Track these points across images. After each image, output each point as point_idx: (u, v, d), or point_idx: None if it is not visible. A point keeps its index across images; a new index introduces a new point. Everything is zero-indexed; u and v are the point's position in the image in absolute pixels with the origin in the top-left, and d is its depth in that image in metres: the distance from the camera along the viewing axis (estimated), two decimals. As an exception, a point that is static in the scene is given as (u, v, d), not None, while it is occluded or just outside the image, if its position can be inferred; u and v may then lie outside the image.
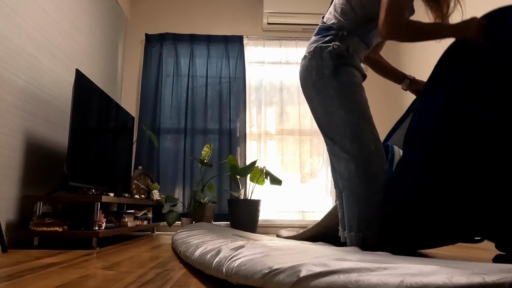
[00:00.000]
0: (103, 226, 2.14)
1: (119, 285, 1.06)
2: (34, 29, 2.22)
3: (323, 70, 1.41)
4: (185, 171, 3.63)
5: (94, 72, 3.12)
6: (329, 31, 1.48)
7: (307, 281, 0.67)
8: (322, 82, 1.42)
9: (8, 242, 1.98)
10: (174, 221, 3.19)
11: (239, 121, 3.77)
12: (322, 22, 1.55)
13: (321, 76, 1.42)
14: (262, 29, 4.05)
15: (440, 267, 0.56)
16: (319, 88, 1.42)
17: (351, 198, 1.35)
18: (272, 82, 3.94)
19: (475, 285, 0.50)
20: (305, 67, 1.49)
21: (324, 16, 1.59)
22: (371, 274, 0.59)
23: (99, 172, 2.45)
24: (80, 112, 2.20)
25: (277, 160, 3.78)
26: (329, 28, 1.49)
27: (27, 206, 2.15)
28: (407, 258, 0.82)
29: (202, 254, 1.21)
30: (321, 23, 1.56)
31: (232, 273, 0.92)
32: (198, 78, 3.86)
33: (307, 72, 1.47)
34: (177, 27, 3.99)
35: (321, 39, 1.47)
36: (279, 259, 0.83)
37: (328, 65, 1.41)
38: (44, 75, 2.34)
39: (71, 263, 1.47)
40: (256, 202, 3.27)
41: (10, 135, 2.00)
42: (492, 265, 0.61)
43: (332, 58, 1.41)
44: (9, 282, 1.10)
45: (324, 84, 1.41)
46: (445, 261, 0.74)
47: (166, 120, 3.75)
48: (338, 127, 1.38)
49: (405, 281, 0.54)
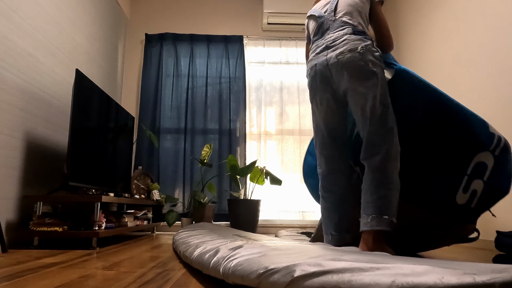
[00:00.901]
0: (103, 226, 2.14)
1: (119, 285, 1.07)
2: (34, 29, 2.23)
3: (377, 67, 1.54)
4: (185, 171, 3.64)
5: (94, 72, 3.13)
6: (365, 35, 1.60)
7: (301, 281, 0.68)
8: (380, 76, 1.54)
9: (8, 242, 1.99)
10: (174, 221, 3.20)
11: (239, 121, 3.78)
12: (353, 26, 1.62)
13: (379, 71, 1.54)
14: (262, 29, 4.05)
15: (432, 267, 0.57)
16: (377, 81, 1.52)
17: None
18: (272, 82, 3.94)
19: (465, 285, 0.50)
20: (358, 59, 1.54)
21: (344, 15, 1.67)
22: (364, 274, 0.60)
23: (99, 172, 2.46)
24: (80, 112, 2.21)
25: (277, 160, 3.79)
26: (364, 33, 1.61)
27: (27, 206, 2.16)
28: (402, 258, 0.83)
29: (201, 254, 1.22)
30: (352, 26, 1.62)
31: (229, 273, 0.92)
32: (198, 78, 3.86)
33: (363, 63, 1.54)
34: (177, 27, 4.00)
35: (365, 41, 1.57)
36: (275, 259, 0.84)
37: (380, 65, 1.56)
38: (44, 75, 2.35)
39: (71, 263, 1.48)
40: (256, 202, 3.28)
41: (10, 135, 2.01)
42: (484, 265, 0.61)
43: (380, 61, 1.58)
44: (9, 282, 1.11)
45: (382, 78, 1.55)
46: (439, 262, 0.75)
47: (166, 120, 3.76)
48: (389, 120, 1.50)
49: (397, 281, 0.54)
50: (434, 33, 3.14)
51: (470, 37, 2.65)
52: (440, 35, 3.05)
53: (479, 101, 2.53)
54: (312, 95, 1.68)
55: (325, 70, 1.60)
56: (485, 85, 2.47)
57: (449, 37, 2.91)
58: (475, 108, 2.56)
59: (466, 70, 2.67)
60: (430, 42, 3.20)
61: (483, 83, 2.49)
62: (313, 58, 1.67)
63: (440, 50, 3.04)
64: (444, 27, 2.98)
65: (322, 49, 1.64)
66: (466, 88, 2.67)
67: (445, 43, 2.98)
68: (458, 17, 2.80)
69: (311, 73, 1.66)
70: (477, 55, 2.56)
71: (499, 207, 2.31)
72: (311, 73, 1.66)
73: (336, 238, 1.56)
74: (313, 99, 1.68)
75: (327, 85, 1.61)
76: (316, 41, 1.71)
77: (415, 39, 3.46)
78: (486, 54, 2.48)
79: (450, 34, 2.90)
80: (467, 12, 2.69)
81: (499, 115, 2.34)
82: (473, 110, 2.58)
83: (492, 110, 2.41)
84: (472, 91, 2.60)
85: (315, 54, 1.67)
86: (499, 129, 2.33)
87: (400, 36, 3.77)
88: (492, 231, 2.37)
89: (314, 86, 1.65)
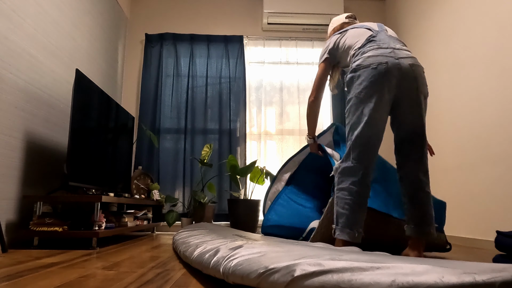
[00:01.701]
0: (103, 226, 2.14)
1: (119, 285, 1.07)
2: (34, 29, 2.23)
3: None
4: (185, 171, 3.64)
5: (94, 72, 3.13)
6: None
7: (301, 280, 0.68)
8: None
9: (8, 242, 1.99)
10: (174, 221, 3.20)
11: (239, 121, 3.78)
12: (402, 43, 1.76)
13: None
14: (262, 29, 4.05)
15: (432, 267, 0.57)
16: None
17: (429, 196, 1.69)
18: (272, 82, 3.94)
19: (465, 284, 0.50)
20: (424, 77, 1.71)
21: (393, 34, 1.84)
22: (364, 273, 0.60)
23: (99, 172, 2.46)
24: (80, 112, 2.21)
25: (277, 160, 3.79)
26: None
27: (27, 206, 2.16)
28: (402, 258, 0.83)
29: (201, 253, 1.22)
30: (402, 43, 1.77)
31: (229, 273, 0.92)
32: (198, 78, 3.86)
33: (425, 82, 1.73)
34: (177, 27, 4.00)
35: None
36: (275, 259, 0.84)
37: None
38: (44, 75, 2.35)
39: (71, 263, 1.48)
40: (256, 202, 3.28)
41: (10, 135, 2.01)
42: (484, 264, 0.61)
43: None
44: (9, 282, 1.11)
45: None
46: (439, 261, 0.75)
47: (166, 120, 3.76)
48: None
49: (397, 280, 0.54)
50: (434, 34, 3.14)
51: (470, 38, 2.65)
52: (440, 36, 3.05)
53: (479, 102, 2.53)
54: (374, 90, 1.60)
55: (395, 71, 1.61)
56: (485, 86, 2.47)
57: (449, 37, 2.91)
58: (475, 108, 2.56)
59: (465, 70, 2.67)
60: (430, 42, 3.20)
61: (483, 84, 2.49)
62: (378, 54, 1.64)
63: (440, 51, 3.04)
64: (444, 27, 2.98)
65: (387, 49, 1.65)
66: (466, 88, 2.68)
67: (445, 43, 2.98)
68: (458, 17, 2.80)
69: (380, 69, 1.60)
70: (477, 55, 2.56)
71: (499, 207, 2.31)
72: (380, 68, 1.60)
73: (360, 235, 1.56)
74: (375, 93, 1.60)
75: (392, 85, 1.61)
76: (373, 41, 1.71)
77: (415, 40, 3.46)
78: (486, 55, 2.48)
79: (450, 35, 2.90)
80: (467, 12, 2.69)
81: (499, 116, 2.34)
82: (473, 110, 2.58)
83: (492, 110, 2.41)
84: (472, 91, 2.60)
85: (379, 48, 1.66)
86: (498, 130, 2.33)
87: (400, 37, 3.77)
88: (492, 231, 2.37)
89: (381, 81, 1.60)
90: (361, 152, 1.60)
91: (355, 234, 1.53)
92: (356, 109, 1.63)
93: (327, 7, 3.80)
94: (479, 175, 2.52)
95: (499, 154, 2.33)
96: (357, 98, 1.62)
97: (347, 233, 1.53)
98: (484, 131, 2.47)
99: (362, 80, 1.62)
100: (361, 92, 1.61)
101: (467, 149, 2.65)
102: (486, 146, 2.45)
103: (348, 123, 1.67)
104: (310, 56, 4.00)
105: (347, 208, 1.56)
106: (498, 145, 2.34)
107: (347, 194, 1.57)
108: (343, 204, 1.57)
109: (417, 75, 1.65)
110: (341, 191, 1.59)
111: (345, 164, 1.63)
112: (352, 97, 1.65)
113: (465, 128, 2.67)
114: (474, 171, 2.57)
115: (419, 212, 1.64)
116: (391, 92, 1.62)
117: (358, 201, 1.56)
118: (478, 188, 2.52)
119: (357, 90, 1.63)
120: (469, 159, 2.62)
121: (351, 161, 1.61)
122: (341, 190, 1.60)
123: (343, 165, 1.63)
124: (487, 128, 2.45)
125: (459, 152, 2.73)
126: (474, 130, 2.57)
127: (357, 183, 1.57)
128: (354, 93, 1.64)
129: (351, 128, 1.65)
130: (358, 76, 1.63)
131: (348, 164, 1.61)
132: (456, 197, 2.76)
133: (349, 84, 1.69)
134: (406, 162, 1.69)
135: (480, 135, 2.51)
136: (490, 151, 2.42)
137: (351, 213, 1.55)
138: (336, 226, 1.58)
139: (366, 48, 1.70)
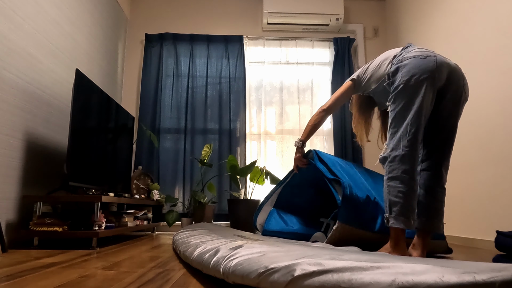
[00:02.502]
0: (103, 226, 2.14)
1: (119, 285, 1.07)
2: (34, 29, 2.23)
3: None
4: (185, 171, 3.64)
5: (94, 72, 3.13)
6: None
7: (301, 280, 0.68)
8: None
9: (8, 242, 1.99)
10: (174, 221, 3.20)
11: (239, 121, 3.78)
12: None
13: None
14: (262, 29, 4.05)
15: (432, 266, 0.57)
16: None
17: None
18: (272, 82, 3.95)
19: (465, 284, 0.50)
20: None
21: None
22: (364, 273, 0.60)
23: (99, 172, 2.46)
24: (80, 112, 2.21)
25: (277, 160, 3.79)
26: None
27: (27, 206, 2.16)
28: (402, 258, 0.83)
29: (201, 253, 1.22)
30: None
31: (229, 273, 0.92)
32: (198, 78, 3.86)
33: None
34: (177, 27, 4.00)
35: None
36: (275, 259, 0.84)
37: None
38: (44, 75, 2.35)
39: (71, 263, 1.48)
40: (256, 202, 3.27)
41: (10, 135, 2.01)
42: (484, 264, 0.61)
43: None
44: (9, 282, 1.11)
45: None
46: (439, 261, 0.75)
47: (166, 120, 3.76)
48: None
49: (397, 280, 0.54)
50: (434, 33, 3.14)
51: (470, 37, 2.65)
52: (440, 35, 3.05)
53: (479, 101, 2.53)
54: (424, 77, 1.59)
55: (445, 64, 1.62)
56: (485, 85, 2.47)
57: (449, 37, 2.91)
58: (475, 109, 2.56)
59: (466, 70, 2.67)
60: (430, 42, 3.20)
61: (483, 84, 2.49)
62: (425, 50, 1.65)
63: (440, 51, 3.04)
64: (444, 27, 2.98)
65: (430, 51, 1.66)
66: (466, 88, 2.68)
67: (445, 43, 2.98)
68: (458, 17, 2.80)
69: (430, 59, 1.61)
70: (477, 55, 2.56)
71: (499, 207, 2.32)
72: (430, 59, 1.61)
73: (415, 222, 1.57)
74: (425, 81, 1.59)
75: (442, 76, 1.62)
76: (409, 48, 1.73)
77: (415, 39, 3.46)
78: (486, 55, 2.48)
79: (450, 35, 2.90)
80: (467, 12, 2.69)
81: (499, 116, 2.34)
82: (473, 111, 2.58)
83: (492, 110, 2.41)
84: (471, 91, 2.60)
85: (422, 50, 1.66)
86: (499, 130, 2.33)
87: (401, 37, 3.77)
88: (492, 231, 2.37)
89: (431, 70, 1.59)
90: (411, 140, 1.57)
91: (410, 222, 1.53)
92: (404, 96, 1.60)
93: (327, 7, 3.80)
94: (479, 175, 2.52)
95: (499, 154, 2.33)
96: (406, 85, 1.59)
97: (402, 221, 1.53)
98: (484, 131, 2.47)
99: (410, 67, 1.60)
100: (410, 79, 1.59)
101: (467, 149, 2.65)
102: (487, 146, 2.45)
103: (394, 110, 1.63)
104: (310, 56, 4.00)
105: (401, 196, 1.54)
106: (499, 145, 2.34)
107: (399, 183, 1.55)
108: (396, 192, 1.56)
109: (464, 77, 1.69)
110: (393, 180, 1.58)
111: (395, 152, 1.59)
112: (400, 85, 1.61)
113: (465, 128, 2.67)
114: (474, 171, 2.57)
115: (433, 206, 1.66)
116: (440, 82, 1.61)
117: (411, 189, 1.55)
118: (478, 188, 2.52)
119: (405, 77, 1.60)
120: (469, 159, 2.62)
121: (401, 149, 1.58)
122: (392, 179, 1.58)
123: (393, 154, 1.60)
124: (487, 128, 2.45)
125: (459, 152, 2.73)
126: (474, 130, 2.57)
127: (409, 171, 1.56)
128: (402, 80, 1.60)
129: (401, 116, 1.61)
130: (406, 65, 1.61)
131: (399, 153, 1.58)
132: (456, 197, 2.76)
133: (394, 72, 1.65)
134: (432, 155, 1.70)
135: (480, 135, 2.51)
136: (490, 151, 2.42)
137: (405, 201, 1.54)
138: (389, 215, 1.57)
139: (408, 50, 1.71)
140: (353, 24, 4.09)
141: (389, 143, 1.63)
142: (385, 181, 1.61)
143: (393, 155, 1.59)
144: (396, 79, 1.63)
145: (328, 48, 4.05)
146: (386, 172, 1.62)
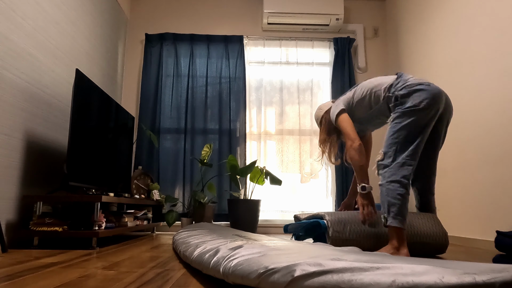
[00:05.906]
0: (103, 226, 2.14)
1: (119, 285, 1.07)
2: (34, 29, 2.23)
3: None
4: (185, 171, 3.64)
5: (94, 72, 3.13)
6: None
7: (301, 280, 0.68)
8: None
9: (8, 242, 1.99)
10: (174, 221, 3.20)
11: (239, 121, 3.78)
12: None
13: None
14: (262, 29, 4.05)
15: (432, 267, 0.57)
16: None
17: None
18: (272, 82, 3.94)
19: (465, 284, 0.50)
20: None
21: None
22: (364, 273, 0.60)
23: (99, 172, 2.46)
24: (80, 112, 2.20)
25: (277, 160, 3.79)
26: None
27: (27, 206, 2.16)
28: (402, 258, 0.83)
29: (201, 254, 1.22)
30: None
31: (229, 273, 0.92)
32: (198, 78, 3.86)
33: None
34: (177, 27, 4.00)
35: None
36: (275, 259, 0.84)
37: None
38: (44, 75, 2.35)
39: (71, 263, 1.48)
40: (256, 202, 3.28)
41: (10, 135, 2.01)
42: (484, 265, 0.61)
43: None
44: (9, 282, 1.11)
45: None
46: (439, 261, 0.75)
47: (166, 120, 3.76)
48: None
49: (397, 280, 0.54)
50: (434, 33, 3.14)
51: (470, 37, 2.65)
52: (440, 36, 3.05)
53: (479, 102, 2.53)
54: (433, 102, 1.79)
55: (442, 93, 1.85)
56: (485, 86, 2.47)
57: (449, 37, 2.91)
58: (475, 109, 2.56)
59: (466, 70, 2.67)
60: (430, 42, 3.20)
61: (483, 84, 2.49)
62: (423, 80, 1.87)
63: (440, 51, 3.04)
64: (444, 27, 2.98)
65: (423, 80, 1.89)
66: (466, 88, 2.68)
67: (445, 43, 2.98)
68: (458, 17, 2.80)
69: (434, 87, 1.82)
70: (477, 55, 2.56)
71: (499, 207, 2.32)
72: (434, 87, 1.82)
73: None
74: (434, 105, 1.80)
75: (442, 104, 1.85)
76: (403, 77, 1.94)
77: (415, 40, 3.46)
78: (486, 55, 2.48)
79: (450, 35, 2.90)
80: (467, 12, 2.69)
81: (499, 116, 2.34)
82: (473, 111, 2.58)
83: (492, 110, 2.41)
84: (472, 91, 2.60)
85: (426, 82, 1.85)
86: (498, 130, 2.33)
87: (400, 37, 3.77)
88: (492, 231, 2.37)
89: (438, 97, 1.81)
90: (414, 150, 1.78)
91: (406, 221, 1.73)
92: (413, 114, 1.78)
93: (327, 7, 3.80)
94: (479, 175, 2.52)
95: (499, 154, 2.33)
96: (417, 106, 1.78)
97: (400, 220, 1.70)
98: (484, 131, 2.47)
99: (421, 93, 1.80)
100: (422, 101, 1.78)
101: (467, 149, 2.65)
102: (486, 146, 2.45)
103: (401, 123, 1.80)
104: (310, 56, 4.00)
105: (399, 198, 1.71)
106: (498, 145, 2.34)
107: (398, 186, 1.72)
108: (395, 194, 1.72)
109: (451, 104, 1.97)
110: (392, 183, 1.75)
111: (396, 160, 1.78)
112: (413, 106, 1.79)
113: (465, 128, 2.67)
114: (474, 171, 2.57)
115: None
116: (441, 108, 1.83)
117: (407, 193, 1.74)
118: (478, 188, 2.52)
119: (417, 100, 1.78)
120: (469, 159, 2.62)
121: (403, 158, 1.77)
122: (392, 182, 1.75)
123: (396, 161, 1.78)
124: (487, 128, 2.45)
125: (459, 152, 2.73)
126: (474, 130, 2.57)
127: (407, 177, 1.74)
128: (413, 102, 1.78)
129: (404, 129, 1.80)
130: (416, 90, 1.81)
131: (400, 160, 1.77)
132: (456, 197, 2.76)
133: (404, 96, 1.83)
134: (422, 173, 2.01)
135: (480, 135, 2.51)
136: (490, 151, 2.42)
137: (403, 203, 1.72)
138: (388, 215, 1.73)
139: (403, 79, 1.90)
140: (353, 24, 4.09)
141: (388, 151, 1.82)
142: (384, 184, 1.77)
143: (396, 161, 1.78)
144: (408, 101, 1.81)
145: (328, 48, 4.05)
146: (384, 177, 1.79)
